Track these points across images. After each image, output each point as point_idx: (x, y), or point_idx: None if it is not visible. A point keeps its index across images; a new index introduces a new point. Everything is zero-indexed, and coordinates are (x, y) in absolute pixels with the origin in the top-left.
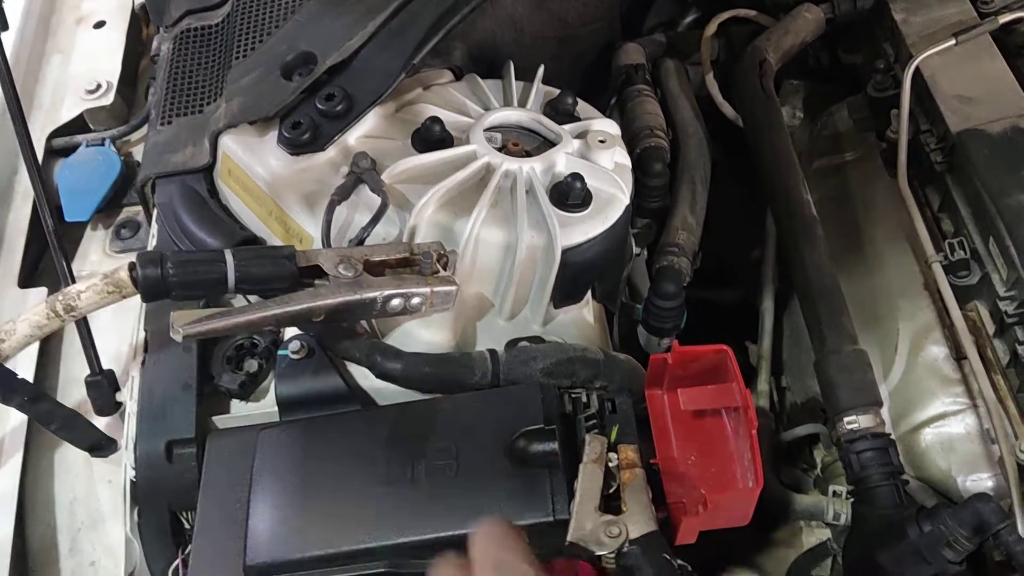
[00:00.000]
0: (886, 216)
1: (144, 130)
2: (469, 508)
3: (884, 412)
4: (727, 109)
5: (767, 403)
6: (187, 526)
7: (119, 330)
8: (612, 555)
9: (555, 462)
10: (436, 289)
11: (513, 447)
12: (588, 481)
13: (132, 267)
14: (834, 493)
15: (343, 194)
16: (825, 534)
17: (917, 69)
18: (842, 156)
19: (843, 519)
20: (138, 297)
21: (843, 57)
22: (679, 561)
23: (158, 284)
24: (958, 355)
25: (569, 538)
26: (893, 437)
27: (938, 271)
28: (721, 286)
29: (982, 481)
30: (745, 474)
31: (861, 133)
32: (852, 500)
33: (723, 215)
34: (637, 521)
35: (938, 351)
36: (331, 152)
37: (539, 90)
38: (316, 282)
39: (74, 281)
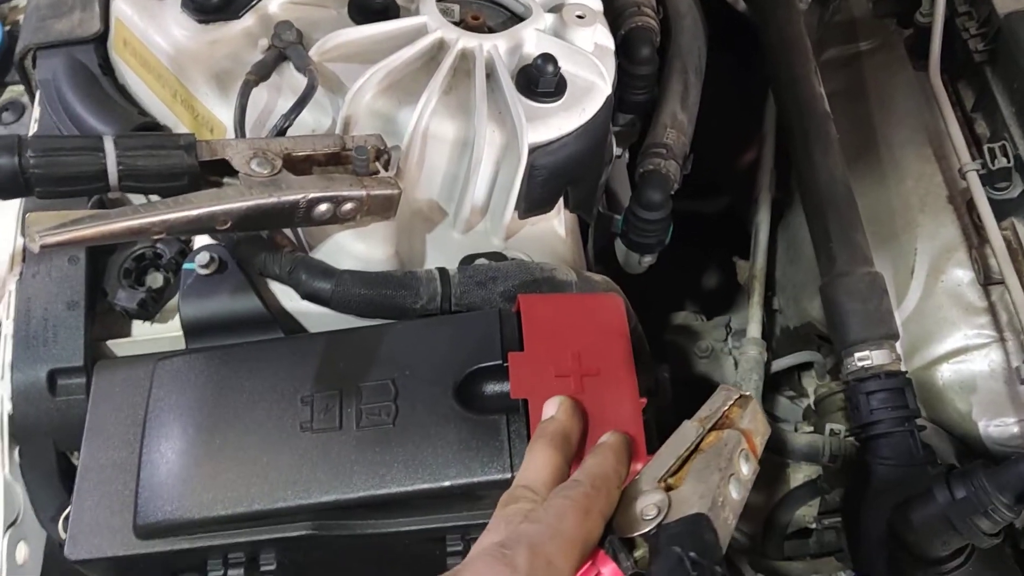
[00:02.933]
0: (907, 116)
1: None
2: (409, 461)
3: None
4: None
5: (758, 328)
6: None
7: None
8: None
9: (514, 406)
10: (373, 192)
11: (464, 387)
12: (673, 444)
13: None
14: (831, 432)
15: (262, 73)
16: (812, 471)
17: None
18: (857, 46)
19: (840, 460)
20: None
21: None
22: (695, 557)
23: (16, 177)
24: (986, 280)
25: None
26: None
27: (974, 181)
28: (705, 194)
29: (1007, 427)
30: None
31: (880, 19)
32: (855, 444)
33: (709, 111)
34: (686, 499)
35: (962, 275)
36: (248, 20)
37: None
38: (224, 180)
39: None
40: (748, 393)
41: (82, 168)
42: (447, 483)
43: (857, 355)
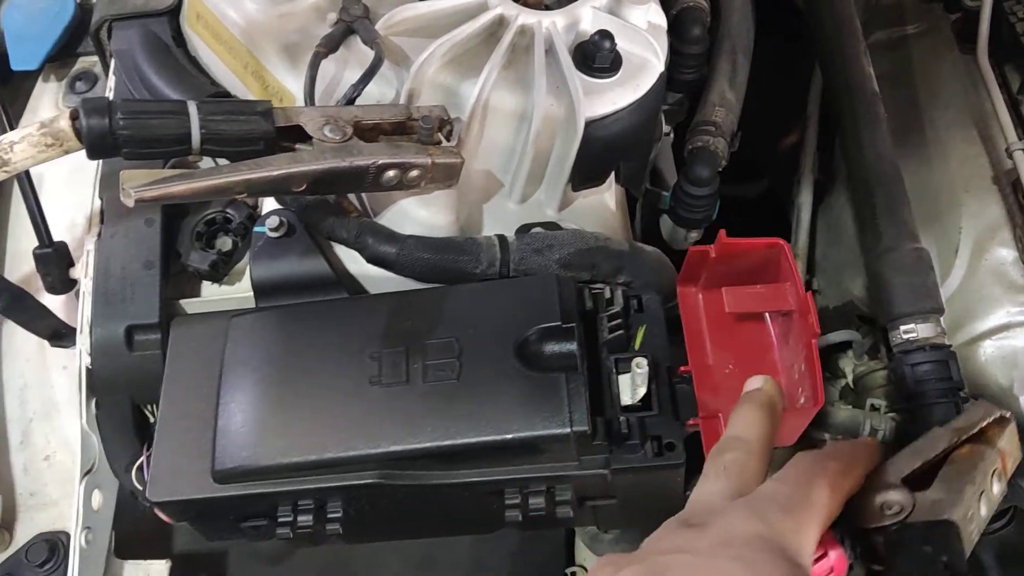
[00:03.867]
0: (952, 98)
1: None
2: (473, 415)
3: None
4: None
5: None
6: (152, 420)
7: (75, 195)
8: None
9: (573, 364)
10: (438, 160)
11: (525, 346)
12: (926, 443)
13: (75, 115)
14: (872, 407)
15: (330, 46)
16: None
17: None
18: (903, 29)
19: (880, 435)
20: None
21: None
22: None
23: (106, 137)
24: None
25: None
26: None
27: (1020, 160)
28: (745, 176)
29: None
30: (794, 388)
31: (927, 3)
32: (897, 417)
33: (752, 92)
34: (936, 502)
35: (1006, 254)
36: None
37: None
38: (297, 146)
39: (11, 124)
40: (1008, 414)
41: (167, 131)
42: (509, 436)
43: (903, 328)
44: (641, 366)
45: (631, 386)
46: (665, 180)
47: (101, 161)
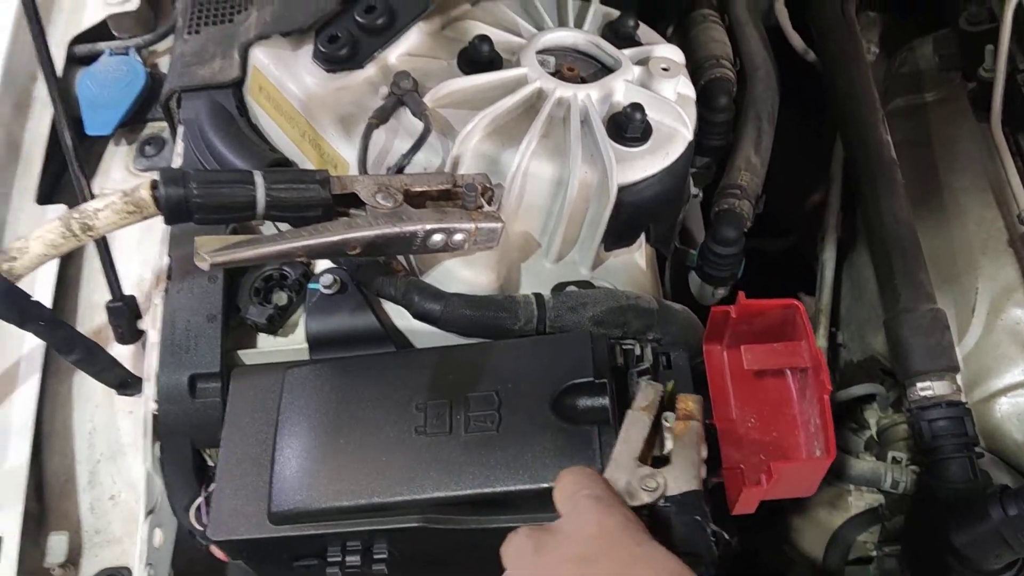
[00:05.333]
0: (969, 164)
1: (171, 40)
2: (511, 464)
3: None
4: (797, 41)
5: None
6: (210, 463)
7: (142, 254)
8: (644, 509)
9: (605, 418)
10: (481, 225)
11: (560, 400)
12: (632, 429)
13: (154, 185)
14: (893, 460)
15: (382, 117)
16: (873, 499)
17: (1020, 2)
18: (922, 96)
19: (901, 487)
20: (161, 219)
21: None
22: (714, 527)
23: (181, 205)
24: None
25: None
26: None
27: None
28: (769, 233)
29: None
30: (811, 441)
31: (945, 72)
32: (918, 470)
33: (777, 153)
34: (679, 477)
35: (1020, 314)
36: (370, 70)
37: (597, 10)
38: (351, 211)
39: (91, 191)
40: (669, 385)
41: (236, 199)
42: (544, 485)
43: (920, 385)
44: (669, 420)
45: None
46: (693, 238)
47: None
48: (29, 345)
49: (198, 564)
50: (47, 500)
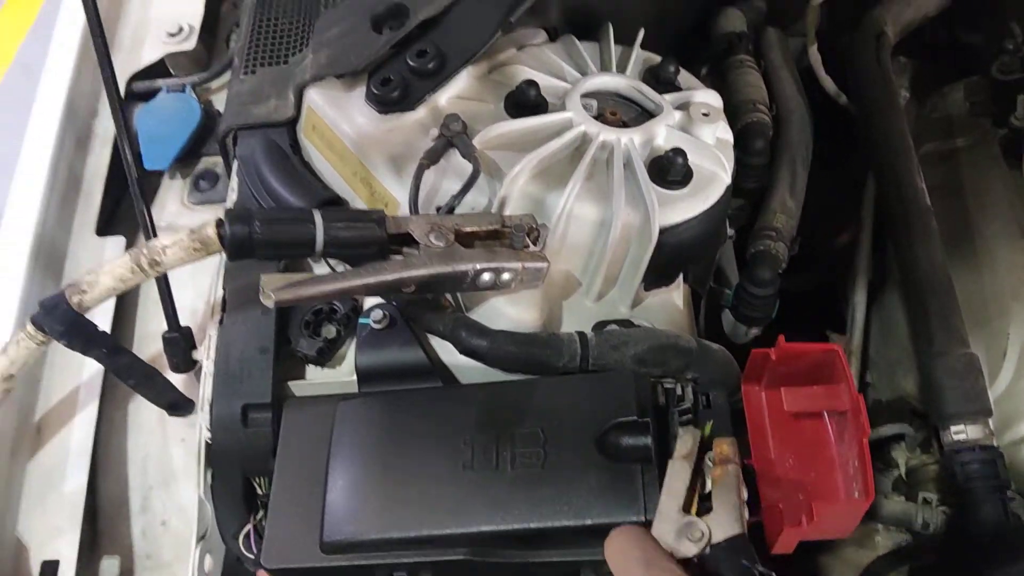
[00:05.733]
0: (1001, 211)
1: (225, 77)
2: (556, 501)
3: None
4: (829, 84)
5: None
6: (259, 492)
7: (196, 286)
8: (694, 559)
9: (648, 457)
10: (527, 265)
11: (604, 438)
12: (674, 479)
13: (220, 224)
14: (924, 500)
15: (432, 158)
16: (902, 538)
17: None
18: (953, 142)
19: (932, 528)
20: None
21: (961, 35)
22: (761, 568)
23: (245, 243)
24: None
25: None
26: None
27: None
28: (793, 270)
29: None
30: (849, 483)
31: (976, 118)
32: (948, 511)
33: (808, 192)
34: (722, 523)
35: None
36: (421, 112)
37: (638, 55)
38: (404, 250)
39: (155, 232)
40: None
41: (296, 237)
42: (588, 521)
43: (953, 428)
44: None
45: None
46: (727, 278)
47: (223, 255)
48: (89, 372)
49: None
50: (100, 524)
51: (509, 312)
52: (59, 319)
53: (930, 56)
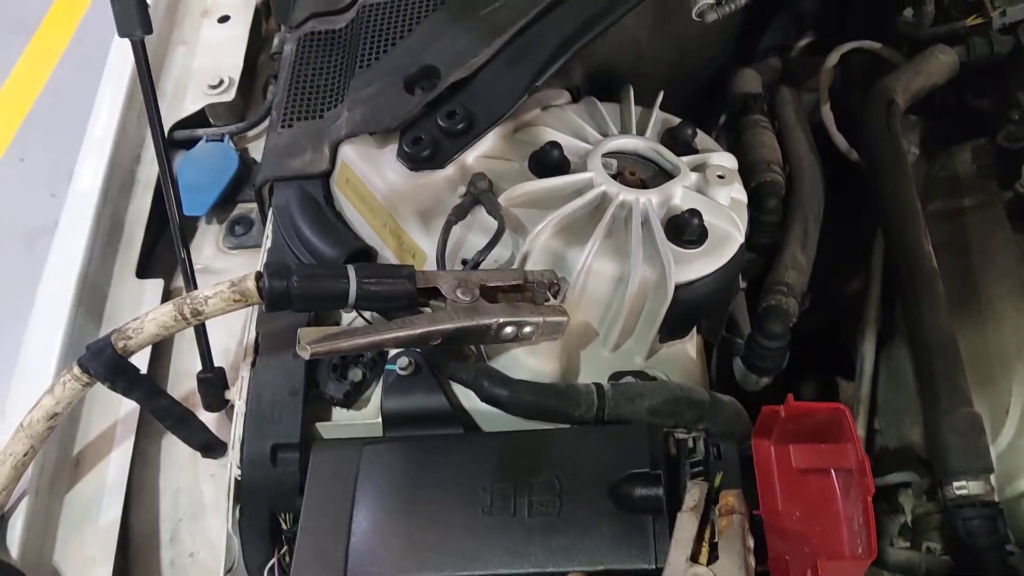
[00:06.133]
0: (1006, 271)
1: (261, 127)
2: (571, 548)
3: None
4: (841, 142)
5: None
6: (284, 527)
7: (229, 327)
8: None
9: (659, 507)
10: (548, 319)
11: (618, 489)
12: (682, 530)
13: (259, 277)
14: (928, 550)
15: (460, 214)
16: None
17: None
18: (960, 201)
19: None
20: None
21: (970, 100)
22: None
23: (283, 296)
24: None
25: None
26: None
27: None
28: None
29: None
30: (854, 539)
31: (983, 180)
32: (950, 564)
33: (821, 253)
34: (727, 570)
35: None
36: (449, 170)
37: (657, 117)
38: (432, 303)
39: (194, 277)
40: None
41: (331, 291)
42: (600, 568)
43: (956, 484)
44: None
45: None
46: (739, 328)
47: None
48: (126, 409)
49: None
50: (131, 554)
51: (529, 363)
52: (104, 363)
53: (939, 117)
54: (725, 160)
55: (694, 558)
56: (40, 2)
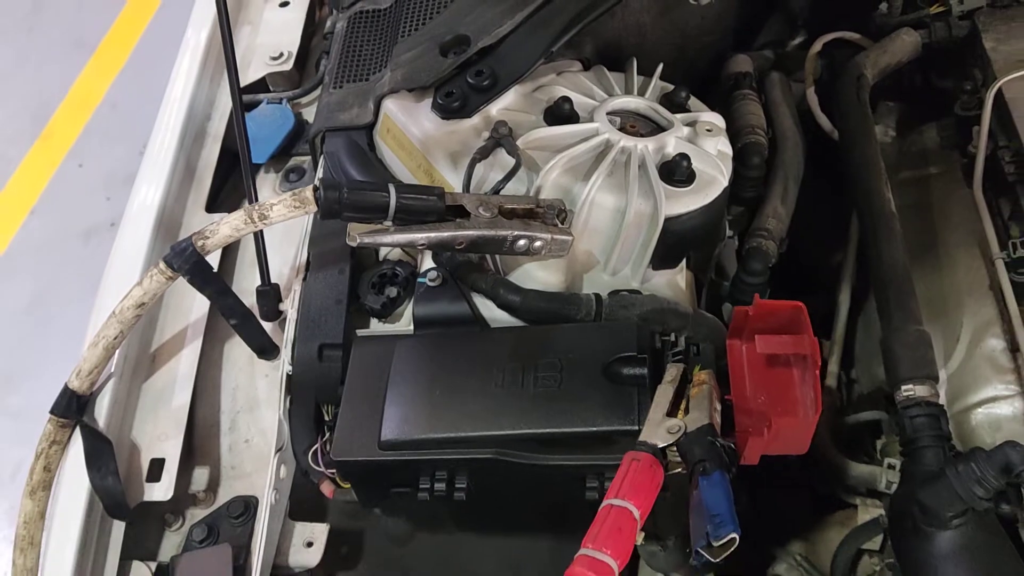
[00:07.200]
0: (961, 223)
1: (314, 95)
2: (568, 412)
3: (942, 393)
4: (824, 122)
5: (835, 384)
6: (327, 418)
7: (283, 254)
8: (674, 448)
9: (643, 383)
10: (556, 236)
11: (609, 368)
12: (661, 396)
13: (316, 188)
14: (889, 465)
15: (483, 154)
16: (877, 512)
17: (1000, 91)
18: (927, 170)
19: (894, 488)
20: (300, 229)
21: (935, 81)
22: (722, 441)
23: (335, 204)
24: (1012, 347)
25: (640, 438)
26: (948, 414)
27: (1000, 267)
28: (801, 292)
29: None
30: (806, 406)
31: (946, 151)
32: (902, 460)
33: (810, 225)
34: (695, 419)
35: (996, 343)
36: (476, 120)
37: (656, 84)
38: (458, 220)
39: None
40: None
41: (374, 202)
42: (593, 428)
43: (904, 388)
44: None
45: None
46: (728, 274)
47: (309, 225)
48: (195, 315)
49: (309, 500)
50: (195, 441)
51: (539, 275)
52: (186, 259)
53: (910, 99)
54: (714, 118)
55: (670, 416)
56: (101, 23)
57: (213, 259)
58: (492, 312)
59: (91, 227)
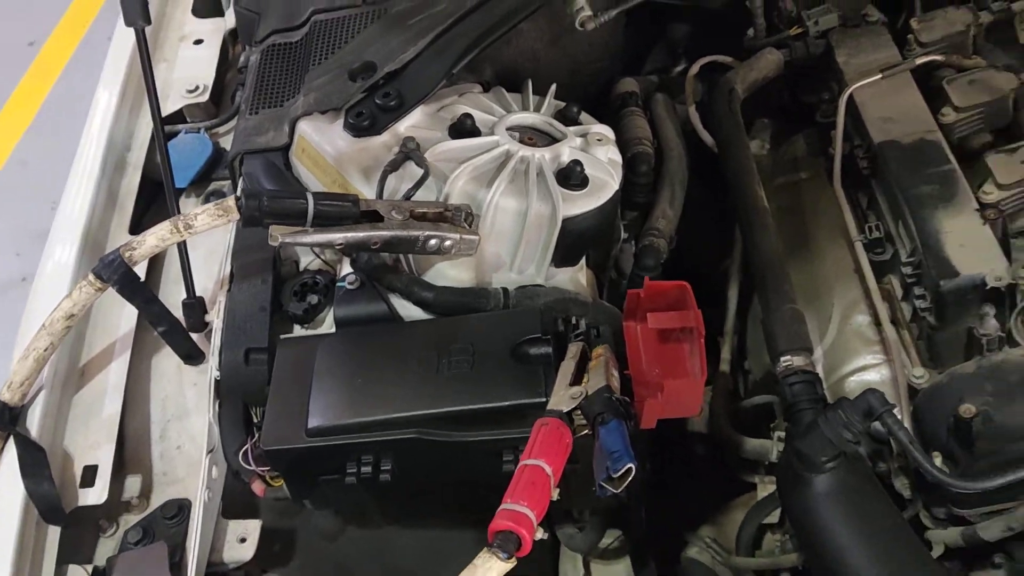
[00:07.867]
0: (828, 219)
1: (230, 124)
2: (481, 389)
3: (819, 368)
4: (706, 137)
5: (728, 369)
6: (255, 420)
7: (207, 270)
8: (578, 412)
9: (549, 361)
10: (464, 236)
11: (517, 350)
12: (564, 370)
13: (238, 198)
14: (779, 438)
15: (394, 166)
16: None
17: (851, 96)
18: (798, 175)
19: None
20: (223, 247)
21: (801, 97)
22: (618, 396)
23: (256, 212)
24: (876, 321)
25: (548, 407)
26: (824, 384)
27: (859, 249)
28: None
29: None
30: (694, 372)
31: (813, 156)
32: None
33: (700, 235)
34: (594, 384)
35: (863, 319)
36: (385, 136)
37: (551, 101)
38: (373, 223)
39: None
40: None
41: (293, 208)
42: (505, 403)
43: (782, 360)
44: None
45: None
46: (626, 274)
47: (232, 239)
48: (123, 330)
49: (241, 498)
50: (127, 451)
51: (450, 274)
52: (115, 270)
53: (780, 115)
54: (604, 130)
55: (573, 386)
56: (6, 83)
57: (140, 273)
58: (408, 310)
59: (3, 283)
